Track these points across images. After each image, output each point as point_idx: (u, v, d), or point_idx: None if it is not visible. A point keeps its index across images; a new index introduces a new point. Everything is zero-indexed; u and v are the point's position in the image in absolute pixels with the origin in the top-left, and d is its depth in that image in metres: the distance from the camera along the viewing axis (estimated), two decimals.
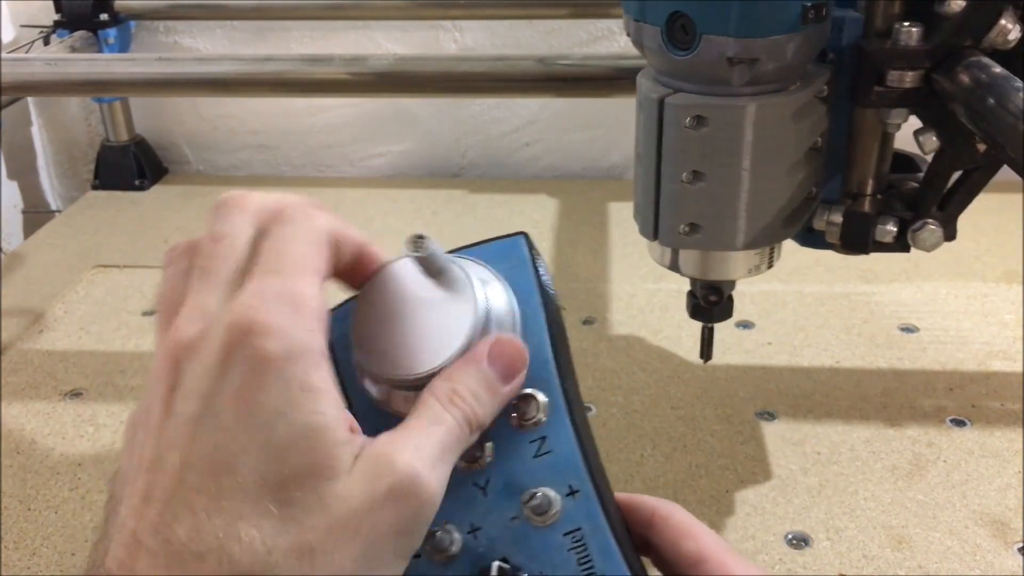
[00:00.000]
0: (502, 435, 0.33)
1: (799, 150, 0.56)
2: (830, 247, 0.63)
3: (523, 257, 0.35)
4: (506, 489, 0.32)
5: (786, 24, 0.50)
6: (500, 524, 0.32)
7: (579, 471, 0.32)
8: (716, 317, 0.65)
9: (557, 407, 0.33)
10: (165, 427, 0.27)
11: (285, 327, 0.26)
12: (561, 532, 0.32)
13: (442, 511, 0.31)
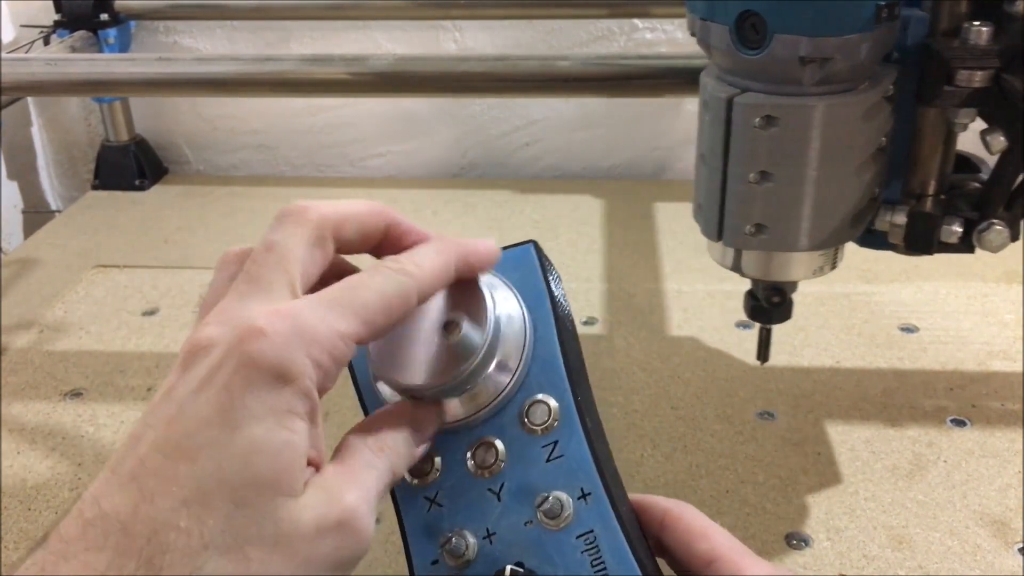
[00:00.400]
0: (515, 440, 0.33)
1: (867, 150, 0.56)
2: (890, 248, 0.62)
3: (533, 266, 0.36)
4: (520, 494, 0.33)
5: (860, 23, 0.50)
6: (514, 528, 0.33)
7: (590, 474, 0.33)
8: (776, 318, 0.65)
9: (568, 412, 0.33)
10: (155, 406, 0.27)
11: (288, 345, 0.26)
12: (574, 535, 0.32)
13: (457, 517, 0.33)
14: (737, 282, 0.63)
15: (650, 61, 0.90)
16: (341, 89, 0.95)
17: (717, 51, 0.54)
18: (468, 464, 0.34)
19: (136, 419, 0.83)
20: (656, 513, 0.33)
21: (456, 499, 0.34)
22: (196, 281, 1.06)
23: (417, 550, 0.33)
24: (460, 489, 0.34)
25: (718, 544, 0.32)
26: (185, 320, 0.98)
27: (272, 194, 1.32)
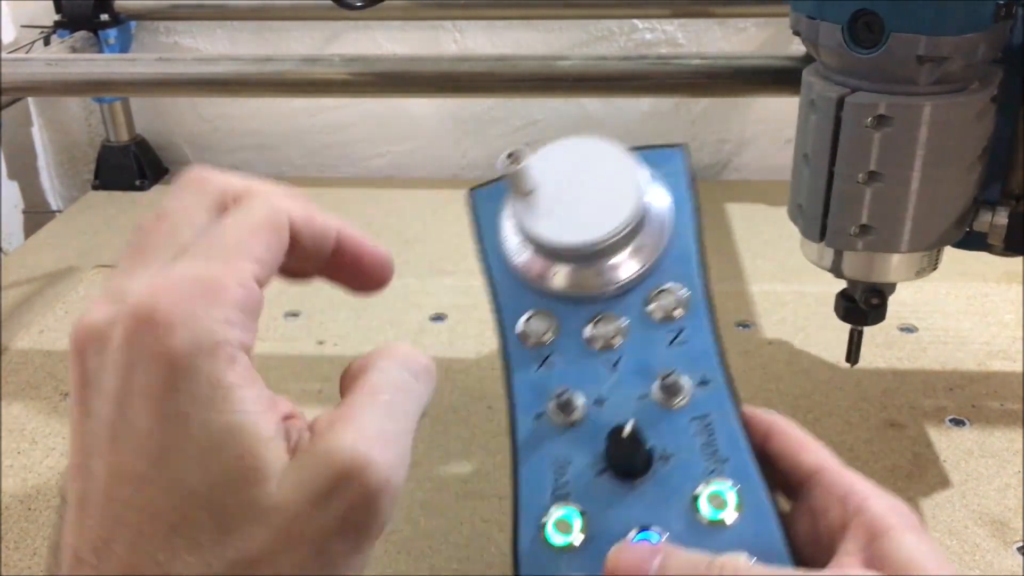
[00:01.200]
0: (639, 321, 0.34)
1: (975, 151, 0.55)
2: (987, 248, 0.62)
3: (681, 166, 0.37)
4: (637, 370, 0.33)
5: (979, 22, 0.50)
6: (627, 400, 0.33)
7: (712, 364, 0.33)
8: (871, 320, 0.65)
9: (697, 304, 0.34)
10: (84, 429, 0.24)
11: (190, 318, 0.23)
12: (688, 417, 0.32)
13: (569, 379, 0.33)
14: (737, 282, 0.63)
15: (650, 61, 0.90)
16: (341, 89, 0.96)
17: (826, 50, 0.54)
18: (586, 334, 0.34)
19: None
20: (761, 424, 0.33)
21: (569, 364, 0.34)
22: None
23: (521, 403, 0.34)
24: (574, 355, 0.34)
25: (825, 457, 0.32)
26: None
27: None
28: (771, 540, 0.30)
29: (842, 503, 0.30)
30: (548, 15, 1.27)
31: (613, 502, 0.32)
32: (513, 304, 0.36)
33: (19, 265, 1.12)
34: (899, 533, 0.29)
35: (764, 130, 1.33)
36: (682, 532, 0.31)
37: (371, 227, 1.19)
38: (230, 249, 0.25)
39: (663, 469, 0.32)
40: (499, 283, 0.36)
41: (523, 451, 0.33)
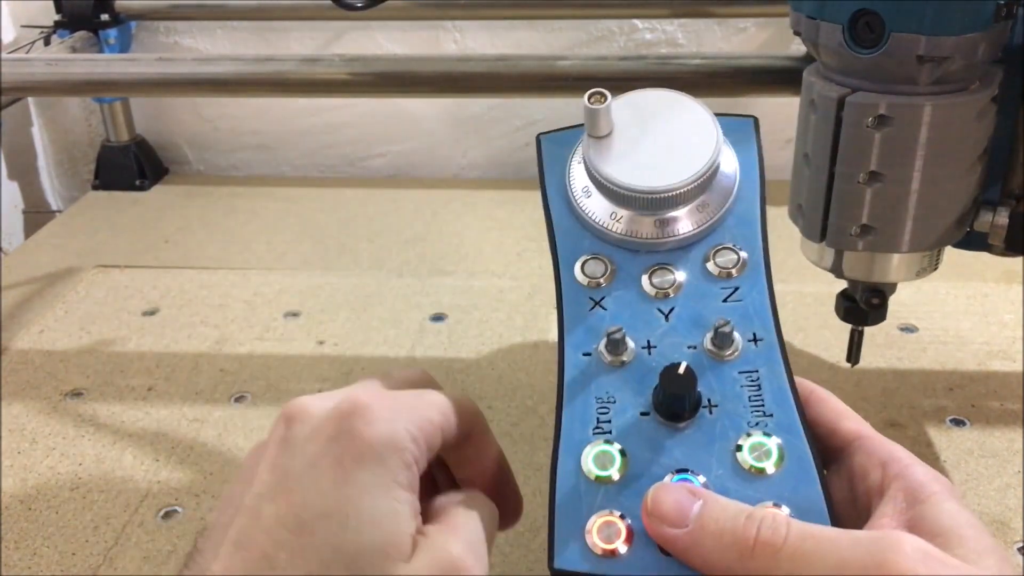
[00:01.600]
0: (696, 276, 0.35)
1: (977, 151, 0.55)
2: (987, 248, 0.62)
3: (751, 136, 0.38)
4: (690, 320, 0.34)
5: (979, 22, 0.50)
6: (677, 348, 0.34)
7: (767, 322, 0.34)
8: (872, 320, 0.64)
9: (756, 265, 0.35)
10: (268, 479, 0.29)
11: (393, 421, 0.29)
12: (737, 370, 0.33)
13: (621, 321, 0.34)
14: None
15: (650, 61, 0.90)
16: (341, 89, 0.96)
17: (826, 49, 0.54)
18: (643, 282, 0.35)
19: (135, 420, 0.83)
20: (803, 391, 0.34)
21: (623, 308, 0.35)
22: (196, 281, 1.06)
23: (571, 340, 0.34)
24: (628, 300, 0.35)
25: (864, 426, 0.34)
26: (185, 320, 0.98)
27: (272, 194, 1.32)
28: (812, 495, 0.30)
29: (883, 467, 0.31)
30: (548, 15, 1.27)
31: (654, 443, 0.32)
32: (571, 247, 0.36)
33: (19, 265, 1.12)
34: (940, 499, 0.29)
35: (764, 130, 1.32)
36: (722, 477, 0.31)
37: (371, 227, 1.19)
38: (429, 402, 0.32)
39: (708, 417, 0.32)
40: (559, 225, 0.36)
41: (569, 387, 0.33)
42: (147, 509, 0.72)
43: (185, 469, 0.76)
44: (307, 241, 1.16)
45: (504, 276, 1.05)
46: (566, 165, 0.37)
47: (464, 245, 1.13)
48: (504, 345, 0.92)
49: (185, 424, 0.81)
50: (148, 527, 0.70)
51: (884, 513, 0.29)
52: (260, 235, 1.18)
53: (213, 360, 0.91)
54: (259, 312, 0.99)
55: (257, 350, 0.92)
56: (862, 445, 0.32)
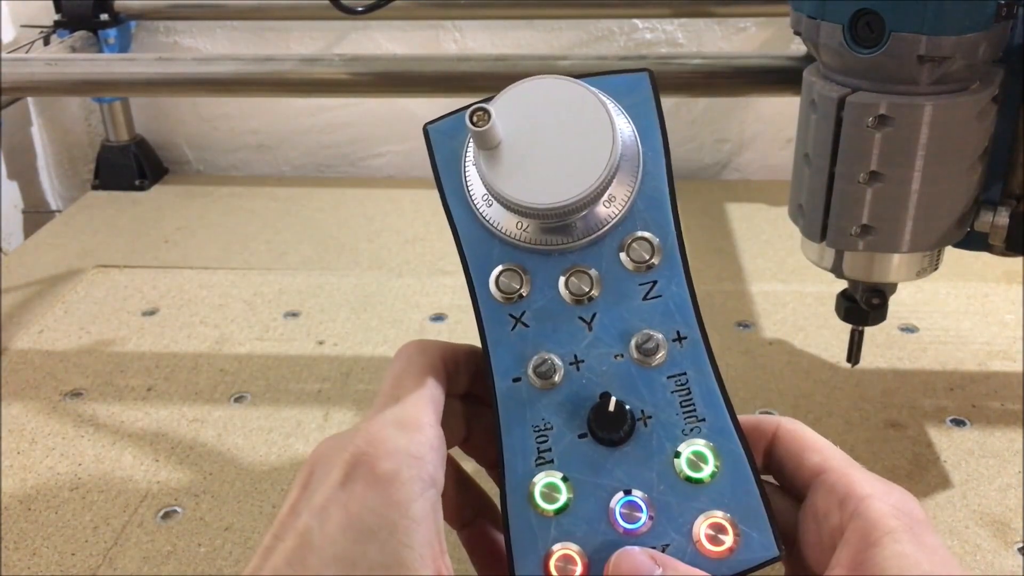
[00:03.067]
0: (612, 273, 0.33)
1: (977, 151, 0.55)
2: (987, 248, 0.62)
3: (647, 96, 0.35)
4: (612, 326, 0.33)
5: (980, 22, 0.50)
6: (604, 359, 0.33)
7: (688, 319, 0.33)
8: (872, 320, 0.64)
9: (671, 253, 0.33)
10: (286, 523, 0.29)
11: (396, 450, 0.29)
12: (666, 375, 0.32)
13: (544, 339, 0.33)
14: (737, 282, 0.63)
15: (650, 61, 0.90)
16: (341, 89, 0.96)
17: (827, 49, 0.54)
18: (560, 289, 0.33)
19: (135, 420, 0.83)
20: (768, 428, 0.34)
21: (544, 322, 0.33)
22: (196, 281, 1.06)
23: (499, 367, 0.33)
24: (549, 313, 0.33)
25: (829, 456, 0.32)
26: (185, 320, 0.98)
27: (272, 194, 1.32)
28: (749, 498, 0.31)
29: (841, 506, 0.30)
30: (548, 15, 1.27)
31: (596, 466, 0.32)
32: (482, 258, 0.34)
33: (19, 265, 1.12)
34: (892, 541, 0.28)
35: (764, 130, 1.33)
36: (664, 493, 0.31)
37: (371, 227, 1.19)
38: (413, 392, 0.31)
39: (643, 431, 0.32)
40: (465, 236, 0.34)
41: (505, 419, 0.33)
42: (147, 509, 0.72)
43: (185, 469, 0.76)
44: (307, 241, 1.16)
45: None
46: (460, 166, 0.34)
47: None
48: None
49: (185, 424, 0.81)
50: (148, 527, 0.70)
51: (838, 561, 0.29)
52: (260, 235, 1.18)
53: (213, 360, 0.91)
54: (259, 312, 0.99)
55: (257, 350, 0.92)
56: (824, 481, 0.31)
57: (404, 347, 0.33)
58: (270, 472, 0.75)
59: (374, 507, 0.28)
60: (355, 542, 0.27)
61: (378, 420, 0.30)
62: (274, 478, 0.75)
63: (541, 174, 0.32)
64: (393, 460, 0.29)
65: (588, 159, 0.32)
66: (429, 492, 0.29)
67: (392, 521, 0.28)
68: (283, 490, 0.74)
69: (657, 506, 0.31)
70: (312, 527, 0.28)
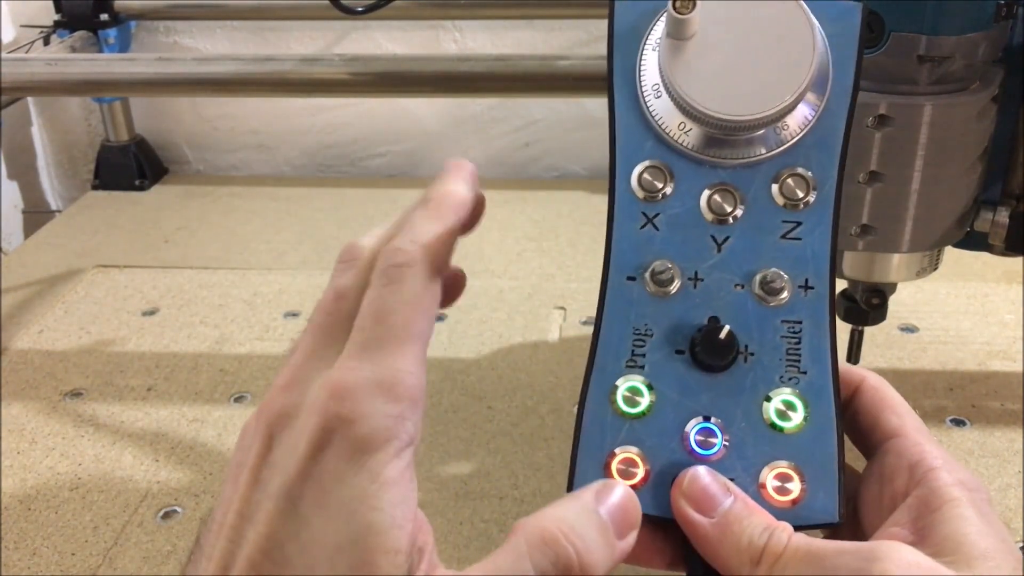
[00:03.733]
0: (759, 202, 0.32)
1: (977, 150, 0.55)
2: (987, 248, 0.62)
3: (854, 27, 0.32)
4: (742, 255, 0.32)
5: (980, 22, 0.50)
6: (723, 285, 0.32)
7: (822, 271, 0.31)
8: (872, 320, 0.64)
9: (825, 200, 0.32)
10: (250, 497, 0.26)
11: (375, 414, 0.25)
12: (780, 318, 0.31)
13: (670, 247, 0.32)
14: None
15: None
16: (341, 89, 0.96)
17: None
18: (702, 202, 0.32)
19: (135, 420, 0.83)
20: (853, 379, 0.33)
21: (675, 229, 0.32)
22: (196, 281, 1.06)
23: (617, 262, 0.32)
24: (683, 222, 0.32)
25: (907, 422, 0.32)
26: (185, 320, 0.98)
27: (272, 194, 1.32)
28: (826, 460, 0.31)
29: (909, 472, 0.30)
30: (548, 15, 1.27)
31: (684, 385, 0.31)
32: (632, 148, 0.33)
33: (19, 265, 1.12)
34: (954, 508, 0.28)
35: None
36: (744, 431, 0.31)
37: (371, 227, 1.19)
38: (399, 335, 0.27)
39: (741, 366, 0.31)
40: (621, 121, 0.33)
41: (608, 313, 0.32)
42: (147, 509, 0.72)
43: (185, 469, 0.76)
44: (307, 241, 1.16)
45: (504, 276, 1.05)
46: (639, 49, 0.32)
47: (464, 245, 1.12)
48: (504, 345, 0.92)
49: (185, 424, 0.81)
50: (148, 527, 0.70)
51: (896, 521, 0.29)
52: (260, 235, 1.18)
53: (213, 360, 0.91)
54: (259, 312, 0.99)
55: (257, 350, 0.92)
56: (895, 445, 0.31)
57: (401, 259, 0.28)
58: None
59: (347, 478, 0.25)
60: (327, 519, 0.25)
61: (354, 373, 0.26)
62: None
63: (725, 81, 0.31)
64: (370, 424, 0.25)
65: (778, 79, 0.30)
66: (405, 452, 0.26)
67: (362, 488, 0.25)
68: None
69: (732, 440, 0.31)
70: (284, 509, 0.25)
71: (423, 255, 0.28)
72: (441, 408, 0.82)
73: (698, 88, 0.31)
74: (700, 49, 0.31)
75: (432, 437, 0.79)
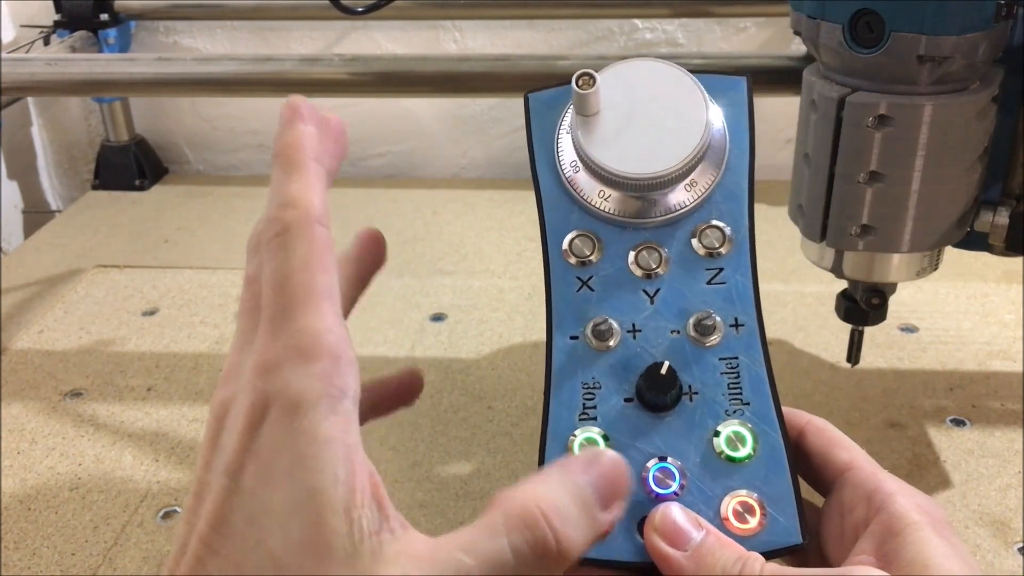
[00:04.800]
0: (682, 255, 0.34)
1: (976, 151, 0.55)
2: (987, 248, 0.62)
3: (741, 98, 0.37)
4: (674, 303, 0.34)
5: (980, 22, 0.50)
6: (661, 332, 0.34)
7: (748, 308, 0.34)
8: (872, 320, 0.65)
9: (741, 245, 0.35)
10: (202, 480, 0.26)
11: (297, 380, 0.25)
12: (718, 356, 0.33)
13: (607, 304, 0.34)
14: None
15: None
16: (341, 89, 0.95)
17: (827, 49, 0.54)
18: (629, 262, 0.35)
19: (135, 420, 0.83)
20: (798, 421, 0.35)
21: (609, 288, 0.35)
22: (196, 281, 1.06)
23: (559, 324, 0.35)
24: (615, 281, 0.35)
25: (857, 455, 0.33)
26: (185, 320, 0.98)
27: None
28: (781, 484, 0.32)
29: (868, 501, 0.31)
30: (548, 15, 1.27)
31: (637, 430, 0.33)
32: (559, 221, 0.36)
33: (19, 265, 1.12)
34: (916, 531, 0.29)
35: (764, 130, 1.33)
36: (699, 466, 0.32)
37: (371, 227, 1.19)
38: (301, 297, 0.26)
39: (687, 405, 0.33)
40: (547, 198, 0.36)
41: (557, 373, 0.34)
42: (147, 509, 0.72)
43: (185, 469, 0.76)
44: None
45: (504, 276, 1.05)
46: (555, 133, 0.36)
47: (464, 245, 1.12)
48: (504, 345, 0.92)
49: (185, 424, 0.81)
50: (148, 527, 0.70)
51: (861, 550, 0.29)
52: None
53: (213, 360, 0.91)
54: None
55: None
56: (850, 478, 0.32)
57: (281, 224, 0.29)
58: None
59: (283, 445, 0.25)
60: (271, 490, 0.24)
61: (272, 348, 0.26)
62: None
63: (633, 146, 0.34)
64: (294, 388, 0.25)
65: (679, 138, 0.34)
66: (340, 406, 0.25)
67: (300, 452, 0.24)
68: None
69: (690, 477, 0.32)
70: (227, 485, 0.25)
71: (295, 215, 0.28)
72: (441, 408, 0.82)
73: (609, 155, 0.34)
74: (607, 122, 0.34)
75: (432, 437, 0.79)
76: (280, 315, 0.26)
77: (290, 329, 0.26)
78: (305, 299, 0.26)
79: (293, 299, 0.26)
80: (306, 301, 0.26)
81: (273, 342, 0.26)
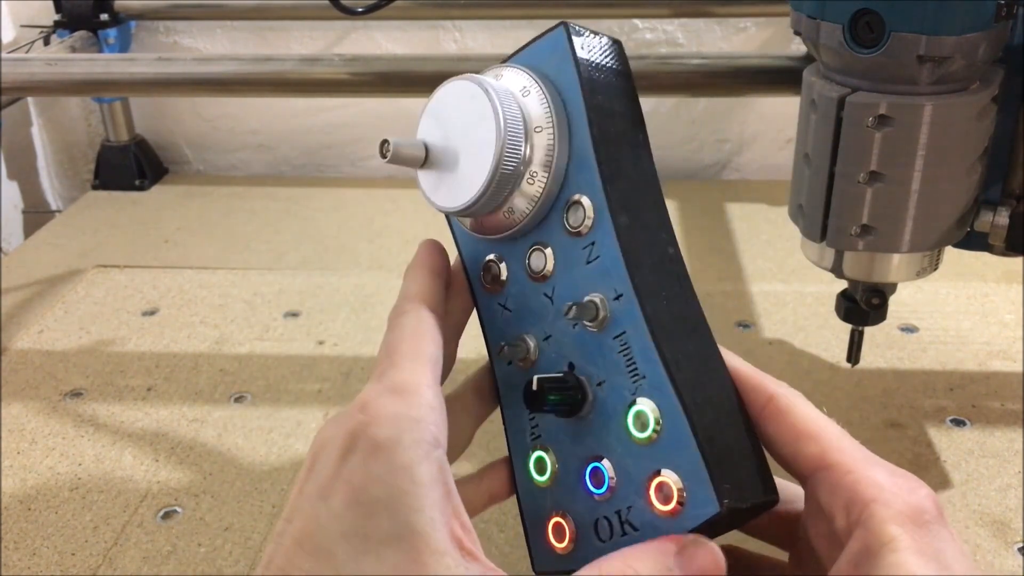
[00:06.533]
0: (561, 244, 0.34)
1: (977, 150, 0.55)
2: (987, 248, 0.62)
3: (564, 52, 0.34)
4: (568, 296, 0.33)
5: (980, 22, 0.50)
6: (565, 331, 0.33)
7: (621, 274, 0.32)
8: (872, 320, 0.64)
9: (601, 211, 0.32)
10: (294, 504, 0.29)
11: (393, 415, 0.28)
12: (611, 335, 0.32)
13: (522, 322, 0.35)
14: (737, 282, 0.63)
15: (650, 61, 0.90)
16: (341, 89, 0.95)
17: (827, 49, 0.54)
18: (527, 271, 0.35)
19: (135, 420, 0.83)
20: (760, 395, 0.31)
21: (521, 305, 0.35)
22: (196, 281, 1.06)
23: (495, 353, 0.36)
24: (523, 295, 0.35)
25: (829, 447, 0.29)
26: (185, 320, 0.98)
27: (272, 194, 1.32)
28: (687, 453, 0.29)
29: (846, 511, 0.28)
30: (548, 15, 1.27)
31: (572, 437, 0.33)
32: (471, 254, 0.37)
33: (19, 265, 1.12)
34: (891, 553, 0.27)
35: (764, 130, 1.33)
36: (623, 455, 0.31)
37: (371, 227, 1.19)
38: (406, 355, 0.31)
39: (600, 396, 0.32)
40: (459, 236, 0.37)
41: (504, 400, 0.35)
42: (147, 509, 0.72)
43: (185, 469, 0.76)
44: (307, 241, 1.16)
45: None
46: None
47: None
48: None
49: (185, 424, 0.81)
50: (148, 527, 0.70)
51: (840, 570, 0.28)
52: (260, 235, 1.18)
53: (213, 360, 0.91)
54: (259, 312, 0.99)
55: (257, 350, 0.92)
56: (825, 480, 0.29)
57: (397, 310, 0.33)
58: (270, 472, 0.75)
59: (378, 476, 0.27)
60: (364, 516, 0.26)
61: (372, 389, 0.29)
62: (274, 478, 0.75)
63: (453, 177, 0.34)
64: (390, 426, 0.28)
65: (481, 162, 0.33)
66: (434, 453, 0.28)
67: (398, 488, 0.26)
68: (283, 490, 0.74)
69: (618, 470, 0.31)
70: (318, 507, 0.27)
71: (409, 301, 0.33)
72: None
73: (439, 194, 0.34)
74: (435, 163, 0.34)
75: None
76: (387, 369, 0.30)
77: (393, 377, 0.30)
78: (409, 358, 0.30)
79: (398, 358, 0.30)
80: (410, 360, 0.30)
81: (376, 385, 0.29)
